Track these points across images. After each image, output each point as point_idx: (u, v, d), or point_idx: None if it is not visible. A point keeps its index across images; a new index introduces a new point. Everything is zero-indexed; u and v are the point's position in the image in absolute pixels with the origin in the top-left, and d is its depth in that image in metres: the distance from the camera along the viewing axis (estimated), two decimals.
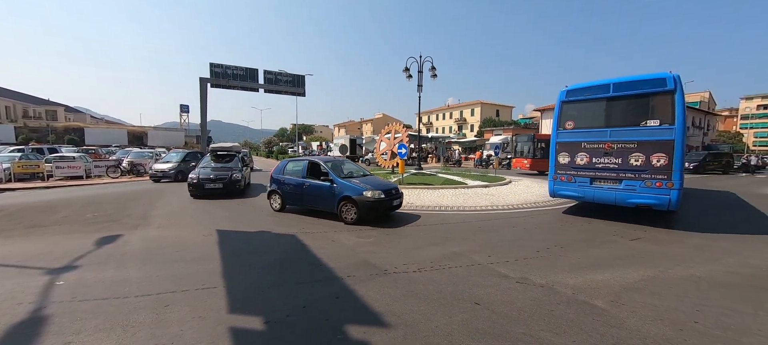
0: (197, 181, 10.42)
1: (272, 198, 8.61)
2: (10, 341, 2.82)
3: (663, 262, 4.85)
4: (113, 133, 53.06)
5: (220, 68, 23.90)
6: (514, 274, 4.27)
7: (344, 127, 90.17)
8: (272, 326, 3.05)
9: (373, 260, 4.81)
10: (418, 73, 15.19)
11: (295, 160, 8.97)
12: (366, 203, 6.92)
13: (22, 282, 4.06)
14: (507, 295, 3.68)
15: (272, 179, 8.66)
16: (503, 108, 60.90)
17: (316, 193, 7.69)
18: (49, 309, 3.37)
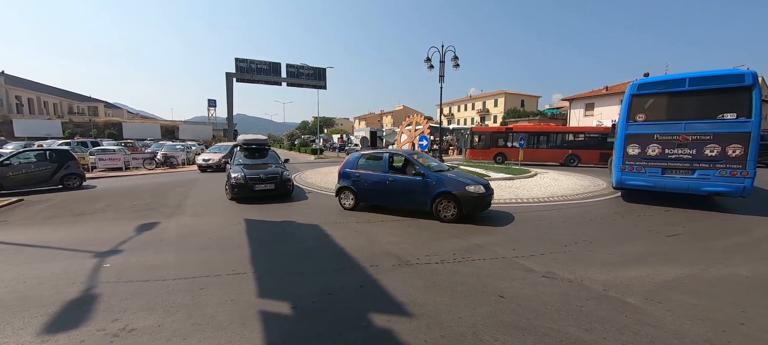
0: (244, 182, 8.54)
1: (343, 195, 7.79)
2: (67, 316, 3.10)
3: (703, 259, 4.55)
4: (148, 127, 56.15)
5: (245, 63, 24.57)
6: (540, 269, 4.17)
7: (364, 120, 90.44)
8: (299, 312, 3.16)
9: (396, 251, 4.85)
10: (440, 63, 14.90)
11: (371, 153, 8.46)
12: (470, 199, 6.36)
13: (74, 263, 4.44)
14: (533, 289, 3.60)
15: (342, 175, 7.83)
16: (529, 98, 58.68)
17: (403, 189, 6.98)
18: (98, 288, 3.67)
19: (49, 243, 5.39)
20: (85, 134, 45.68)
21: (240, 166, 9.36)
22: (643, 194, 9.11)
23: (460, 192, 6.41)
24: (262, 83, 25.73)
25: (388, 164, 7.36)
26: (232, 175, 8.71)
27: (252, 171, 8.97)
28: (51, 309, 3.20)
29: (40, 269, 4.25)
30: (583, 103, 33.42)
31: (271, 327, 2.89)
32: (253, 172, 8.93)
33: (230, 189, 8.70)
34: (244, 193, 8.59)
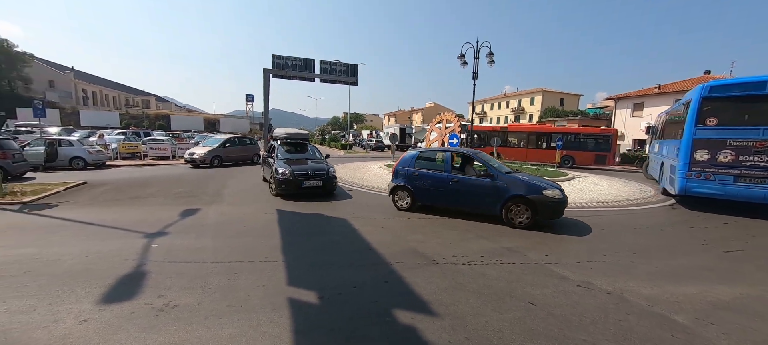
0: (292, 178, 8.20)
1: (398, 195, 7.41)
2: (120, 289, 3.43)
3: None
4: (192, 120, 60.19)
5: (281, 59, 25.44)
6: (576, 277, 3.94)
7: (394, 116, 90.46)
8: (325, 301, 3.25)
9: (421, 249, 4.82)
10: (474, 59, 14.47)
11: (430, 151, 8.05)
12: (548, 205, 5.86)
13: (127, 242, 4.89)
14: (566, 298, 3.42)
15: (397, 173, 7.42)
16: (569, 96, 55.36)
17: (469, 191, 6.54)
18: (147, 266, 4.02)
19: (107, 222, 5.98)
20: (139, 125, 49.97)
21: (283, 161, 8.94)
22: (699, 204, 8.32)
23: (537, 196, 5.90)
24: (297, 79, 26.51)
25: (450, 163, 6.94)
26: (278, 171, 8.35)
27: (298, 166, 8.61)
28: (107, 282, 3.56)
29: (100, 245, 4.74)
30: (630, 103, 30.90)
31: (298, 314, 3.00)
32: (299, 168, 8.55)
33: (276, 185, 8.39)
34: (292, 190, 8.27)
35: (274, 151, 9.70)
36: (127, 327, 2.74)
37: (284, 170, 8.33)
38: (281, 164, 8.70)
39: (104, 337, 2.60)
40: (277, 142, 10.17)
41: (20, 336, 2.60)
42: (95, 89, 60.45)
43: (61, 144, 13.46)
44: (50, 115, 32.00)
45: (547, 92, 53.46)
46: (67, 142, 13.81)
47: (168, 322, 2.84)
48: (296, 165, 8.72)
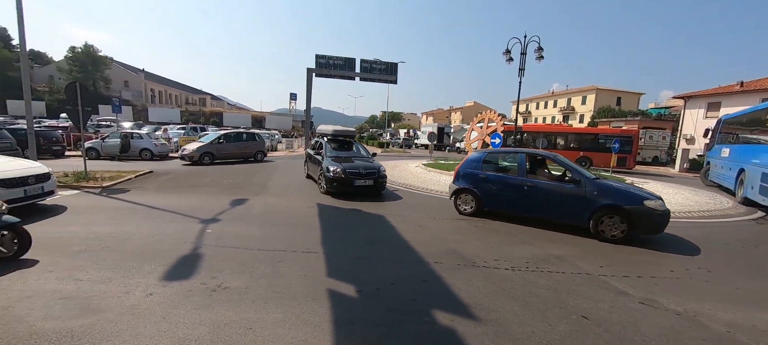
0: (344, 176, 7.92)
1: (461, 199, 6.87)
2: (180, 267, 3.75)
3: None
4: (241, 117, 64.60)
5: (324, 59, 26.29)
6: (636, 293, 3.55)
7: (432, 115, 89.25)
8: (363, 295, 3.27)
9: (461, 250, 4.67)
10: (521, 55, 13.71)
11: (499, 152, 7.64)
12: (649, 217, 5.14)
13: (186, 227, 5.35)
14: (627, 315, 3.09)
15: (461, 175, 6.86)
16: (627, 95, 50.41)
17: (548, 197, 5.90)
18: (202, 249, 4.36)
19: (169, 207, 6.59)
20: (196, 121, 54.85)
21: (332, 158, 8.68)
22: None
23: (636, 208, 5.17)
24: (338, 78, 27.23)
25: (525, 165, 6.31)
26: (329, 168, 8.11)
27: (348, 165, 8.30)
28: (169, 261, 3.91)
29: (164, 228, 5.24)
30: (704, 103, 27.26)
31: (338, 306, 3.05)
32: (350, 166, 8.26)
33: (327, 183, 8.11)
34: (343, 188, 8.01)
35: (321, 149, 9.44)
36: (185, 304, 2.98)
37: (335, 168, 8.04)
38: (331, 162, 8.42)
39: (166, 310, 2.86)
40: (323, 138, 9.94)
41: (99, 303, 2.94)
42: (161, 89, 67.28)
43: (133, 137, 15.17)
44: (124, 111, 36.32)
45: (601, 90, 49.16)
46: (138, 135, 15.54)
47: (220, 302, 3.04)
48: (345, 163, 8.44)
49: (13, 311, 2.76)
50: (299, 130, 58.78)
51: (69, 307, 2.85)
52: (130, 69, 61.22)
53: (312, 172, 10.06)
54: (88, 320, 2.67)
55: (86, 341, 2.42)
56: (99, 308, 2.86)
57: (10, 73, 44.94)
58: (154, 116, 47.82)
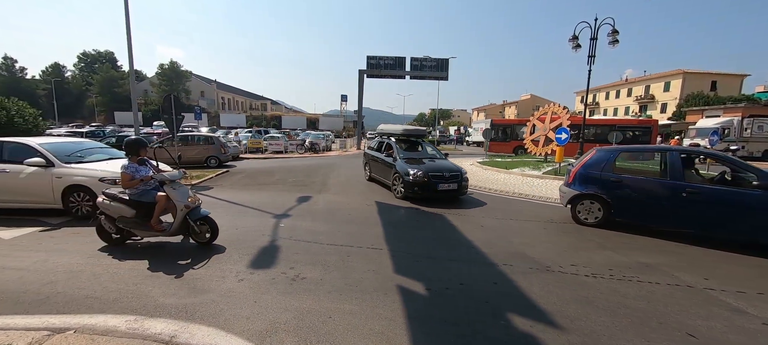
0: (427, 180, 7.19)
1: (583, 206, 5.81)
2: (262, 257, 4.15)
3: None
4: (298, 119, 68.94)
5: (374, 59, 26.83)
6: (758, 312, 3.01)
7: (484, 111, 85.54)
8: (433, 295, 3.27)
9: (531, 253, 4.42)
10: (591, 40, 12.44)
11: (638, 148, 6.66)
12: None
13: (262, 221, 5.89)
14: (748, 338, 2.64)
15: (583, 177, 5.78)
16: (726, 77, 42.61)
17: (721, 209, 4.69)
18: (278, 242, 4.76)
19: (246, 203, 7.33)
20: (259, 125, 60.12)
21: (406, 160, 8.00)
22: None
23: None
24: (388, 77, 27.60)
25: (674, 166, 5.06)
26: (409, 172, 7.37)
27: (429, 166, 7.62)
28: (252, 251, 4.35)
29: (244, 221, 5.84)
30: None
31: (408, 302, 3.10)
32: (432, 167, 7.55)
33: (406, 187, 7.36)
34: (426, 193, 7.23)
35: (389, 149, 8.84)
36: (271, 290, 3.30)
37: (416, 171, 7.27)
38: (408, 164, 7.69)
39: (257, 295, 3.19)
40: (389, 138, 9.33)
41: (202, 285, 3.40)
42: (229, 96, 74.87)
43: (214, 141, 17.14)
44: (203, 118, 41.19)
45: (689, 73, 42.25)
46: (216, 138, 17.51)
47: (300, 290, 3.30)
48: (423, 164, 7.74)
49: (140, 288, 3.32)
50: (350, 131, 60.88)
51: (181, 287, 3.34)
52: (204, 80, 69.21)
53: (378, 175, 9.38)
54: (197, 299, 3.11)
55: (198, 316, 2.82)
56: (203, 289, 3.30)
57: (116, 89, 53.95)
58: (225, 121, 53.42)
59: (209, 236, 4.43)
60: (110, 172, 5.73)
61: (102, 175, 5.69)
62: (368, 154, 10.48)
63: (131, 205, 4.15)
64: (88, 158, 6.40)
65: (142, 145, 4.37)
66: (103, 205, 4.18)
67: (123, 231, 4.30)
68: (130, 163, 4.21)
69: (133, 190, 4.20)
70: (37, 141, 6.17)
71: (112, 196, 4.20)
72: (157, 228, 4.21)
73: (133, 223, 4.19)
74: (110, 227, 4.27)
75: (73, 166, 5.89)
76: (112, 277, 3.54)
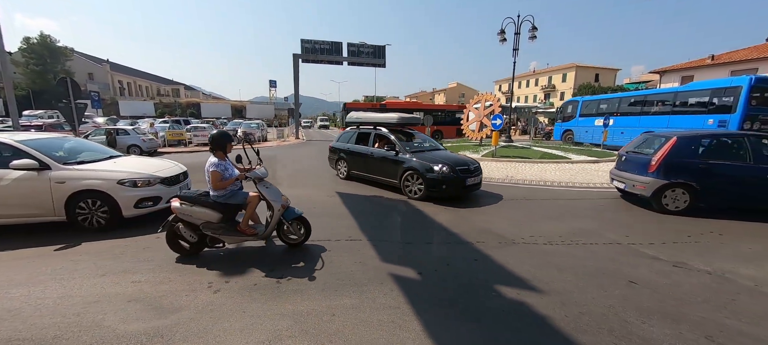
0: (454, 176, 6.37)
1: (667, 196, 5.72)
2: (232, 262, 3.75)
3: None
4: (220, 107, 62.15)
5: (310, 43, 25.52)
6: (667, 257, 3.90)
7: (416, 98, 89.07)
8: (426, 278, 3.41)
9: (495, 230, 4.89)
10: (515, 35, 13.91)
11: (721, 134, 6.25)
12: None
13: None
14: (666, 278, 3.40)
15: (667, 165, 5.65)
16: (605, 71, 52.18)
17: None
18: (245, 244, 4.34)
19: None
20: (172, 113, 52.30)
21: (413, 153, 7.05)
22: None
23: None
24: (325, 63, 26.60)
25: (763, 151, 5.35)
26: (433, 167, 6.47)
27: (446, 158, 6.86)
28: (216, 257, 3.91)
29: None
30: (677, 77, 28.69)
31: (407, 288, 3.18)
32: (454, 161, 6.76)
33: (429, 185, 6.44)
34: (453, 191, 6.43)
35: (386, 142, 7.63)
36: (257, 297, 3.02)
37: (441, 166, 6.43)
38: (424, 159, 6.78)
39: (242, 304, 2.89)
40: (377, 129, 8.07)
41: (169, 302, 2.93)
42: (129, 80, 63.33)
43: (119, 133, 14.40)
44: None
45: (580, 67, 50.62)
46: (124, 131, 14.76)
47: (290, 292, 3.10)
48: (432, 157, 6.92)
49: (85, 318, 2.71)
50: (281, 119, 57.35)
51: (143, 309, 2.83)
52: (93, 60, 57.03)
53: (370, 172, 7.89)
54: (169, 320, 2.68)
55: (178, 338, 2.44)
56: (172, 307, 2.86)
57: None
58: (126, 110, 45.25)
59: (303, 237, 4.16)
60: (129, 172, 4.98)
61: (121, 176, 4.85)
62: (340, 148, 8.81)
63: (217, 209, 3.71)
64: (84, 157, 5.27)
65: (229, 140, 3.87)
66: (183, 211, 3.65)
67: (203, 238, 3.84)
68: (219, 161, 3.73)
69: (221, 192, 3.75)
70: (16, 138, 4.79)
71: (193, 199, 3.72)
72: (248, 232, 3.85)
73: (220, 229, 3.74)
74: (191, 235, 3.78)
75: (79, 168, 4.85)
76: (38, 309, 2.81)
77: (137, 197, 4.84)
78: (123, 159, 5.70)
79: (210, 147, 3.84)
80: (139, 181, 4.91)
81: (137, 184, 4.88)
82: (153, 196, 4.99)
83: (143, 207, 4.90)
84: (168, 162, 6.00)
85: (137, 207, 4.85)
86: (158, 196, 5.04)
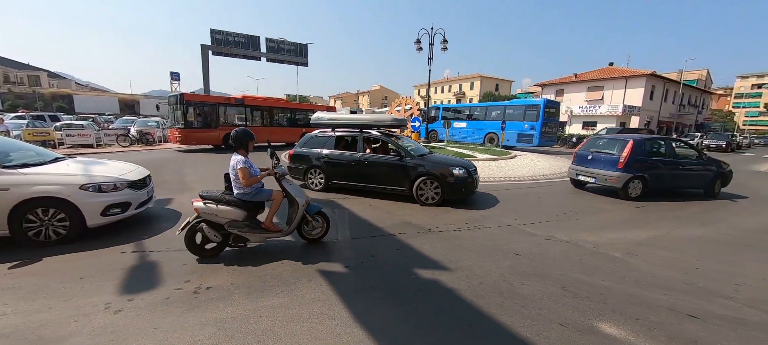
0: (471, 180, 6.54)
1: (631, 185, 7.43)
2: (134, 278, 3.34)
3: (666, 224, 5.59)
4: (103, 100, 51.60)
5: (222, 35, 23.22)
6: (542, 233, 4.94)
7: (340, 99, 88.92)
8: (354, 270, 3.63)
9: (414, 221, 5.41)
10: (430, 45, 15.26)
11: (652, 139, 8.14)
12: None
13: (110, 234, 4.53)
14: (540, 248, 4.34)
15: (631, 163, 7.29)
16: (503, 82, 60.74)
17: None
18: (150, 256, 3.89)
19: None
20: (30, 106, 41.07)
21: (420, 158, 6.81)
22: None
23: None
24: (240, 57, 24.54)
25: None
26: (452, 172, 6.36)
27: (457, 162, 6.85)
28: (114, 274, 3.43)
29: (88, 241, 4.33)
30: (553, 89, 35.42)
31: (336, 281, 3.35)
32: (464, 164, 6.77)
33: (448, 190, 6.35)
34: (467, 194, 6.68)
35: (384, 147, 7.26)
36: (171, 310, 2.80)
37: (460, 171, 6.41)
38: (436, 164, 6.63)
39: (154, 320, 2.66)
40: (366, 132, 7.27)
41: (53, 331, 2.51)
42: None
43: None
44: None
45: (484, 77, 57.87)
46: None
47: (211, 301, 2.96)
48: (441, 161, 6.88)
49: None
50: None
51: (17, 341, 2.36)
52: None
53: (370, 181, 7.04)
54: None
55: None
56: (59, 336, 2.46)
57: None
58: None
59: (324, 231, 4.34)
60: (92, 175, 4.49)
61: (84, 180, 4.34)
62: (310, 155, 7.51)
63: (243, 207, 3.76)
64: (21, 160, 4.55)
65: (251, 138, 3.86)
66: (208, 210, 3.67)
67: (226, 238, 3.83)
68: (245, 158, 3.75)
69: (247, 189, 3.79)
70: None
71: (216, 199, 3.74)
72: (273, 229, 3.94)
73: (246, 227, 3.79)
74: (215, 235, 3.76)
75: (25, 173, 4.17)
76: None
77: (104, 204, 4.36)
78: (73, 161, 5.06)
79: (233, 145, 3.83)
80: (105, 185, 4.42)
81: (103, 188, 4.38)
82: (121, 202, 4.53)
83: (111, 215, 4.44)
84: (127, 164, 5.50)
85: (105, 215, 4.37)
86: (127, 202, 4.60)
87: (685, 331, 2.66)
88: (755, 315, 2.93)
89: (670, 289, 3.34)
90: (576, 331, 2.62)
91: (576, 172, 8.32)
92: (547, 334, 2.58)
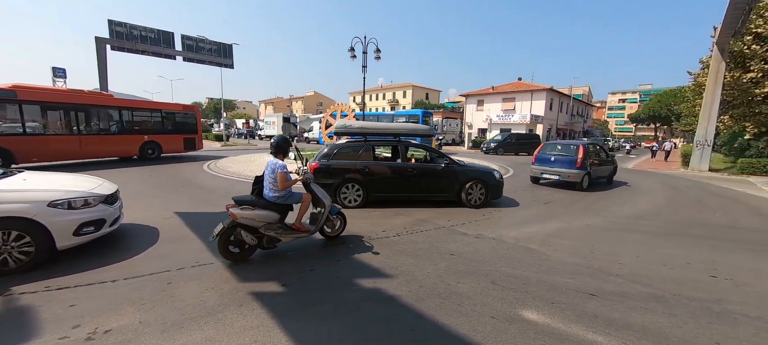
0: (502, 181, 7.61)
1: (586, 179, 9.81)
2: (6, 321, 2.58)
3: (568, 217, 6.56)
4: None
5: (124, 27, 19.93)
6: (472, 232, 5.34)
7: (272, 104, 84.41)
8: (291, 288, 3.39)
9: (355, 230, 5.34)
10: (363, 53, 15.48)
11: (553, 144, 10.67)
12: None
13: None
14: (471, 246, 4.68)
15: (584, 162, 9.83)
16: (432, 91, 64.89)
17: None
18: (25, 296, 3.06)
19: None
20: None
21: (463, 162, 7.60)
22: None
23: None
24: (150, 55, 21.31)
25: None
26: (494, 174, 7.26)
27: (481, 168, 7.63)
28: None
29: None
30: (475, 100, 39.16)
31: (270, 303, 3.08)
32: (494, 168, 7.81)
33: (490, 192, 7.11)
34: (501, 193, 7.56)
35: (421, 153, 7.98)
36: None
37: (498, 175, 7.44)
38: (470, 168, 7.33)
39: None
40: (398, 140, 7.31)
41: None
42: None
43: None
44: None
45: (415, 87, 61.09)
46: None
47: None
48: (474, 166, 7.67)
49: None
50: None
51: None
52: None
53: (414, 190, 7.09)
54: None
55: None
56: None
57: None
58: None
59: (341, 228, 4.76)
60: (60, 190, 3.90)
61: (53, 196, 3.77)
62: (345, 167, 6.83)
63: (277, 209, 3.94)
64: None
65: (289, 144, 4.12)
66: (245, 215, 3.75)
67: (260, 240, 3.96)
68: (284, 164, 3.94)
69: (282, 192, 3.96)
70: None
71: (252, 203, 3.87)
72: (303, 229, 4.16)
73: (280, 229, 3.97)
74: (251, 238, 3.86)
75: None
76: None
77: (77, 222, 3.86)
78: (32, 175, 4.38)
79: (273, 151, 4.05)
80: (76, 201, 3.93)
81: (73, 205, 3.88)
82: (95, 220, 4.05)
83: (84, 234, 3.94)
84: (92, 177, 5.00)
85: (77, 235, 3.87)
86: (102, 219, 4.14)
87: (588, 308, 3.12)
88: (635, 288, 3.59)
89: (575, 273, 3.90)
90: (505, 322, 2.86)
91: (541, 171, 10.20)
92: (481, 328, 2.76)
